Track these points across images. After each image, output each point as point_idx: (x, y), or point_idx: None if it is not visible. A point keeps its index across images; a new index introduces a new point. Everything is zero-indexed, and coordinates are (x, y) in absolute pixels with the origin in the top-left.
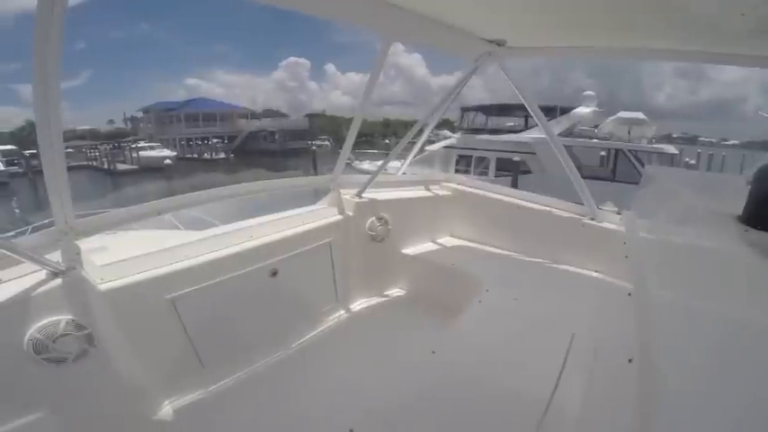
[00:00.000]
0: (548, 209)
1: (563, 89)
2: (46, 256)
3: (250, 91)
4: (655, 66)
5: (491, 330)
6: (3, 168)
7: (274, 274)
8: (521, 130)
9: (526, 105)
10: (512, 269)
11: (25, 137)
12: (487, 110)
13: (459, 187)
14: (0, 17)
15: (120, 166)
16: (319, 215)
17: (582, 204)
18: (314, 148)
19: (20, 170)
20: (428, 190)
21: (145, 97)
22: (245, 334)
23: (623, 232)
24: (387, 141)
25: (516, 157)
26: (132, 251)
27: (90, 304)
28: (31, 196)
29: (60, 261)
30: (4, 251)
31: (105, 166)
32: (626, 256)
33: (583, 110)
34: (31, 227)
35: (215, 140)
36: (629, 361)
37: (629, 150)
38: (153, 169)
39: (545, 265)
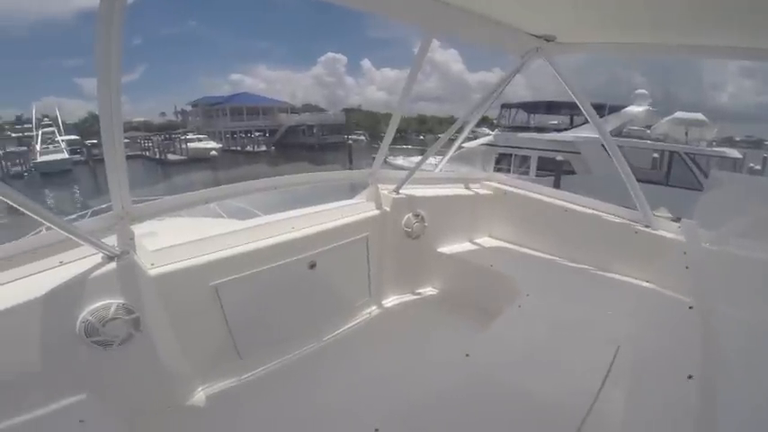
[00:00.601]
0: (597, 213)
1: (617, 88)
2: (102, 240)
3: (290, 86)
4: (717, 65)
5: (530, 336)
6: (67, 156)
7: (312, 266)
8: (565, 129)
9: (578, 103)
10: (554, 274)
11: (87, 128)
12: (530, 107)
13: (501, 186)
14: (63, 16)
15: (171, 157)
16: (357, 209)
17: (634, 209)
18: (350, 142)
19: (82, 158)
20: (467, 188)
21: (193, 91)
22: (280, 325)
23: (683, 242)
24: (422, 138)
25: (559, 157)
26: (179, 237)
27: (140, 289)
28: (90, 182)
29: (116, 245)
30: (66, 234)
31: (157, 156)
32: (686, 267)
33: (634, 109)
34: (90, 210)
35: (257, 134)
36: (689, 377)
37: (686, 153)
38: (200, 160)
39: (591, 272)
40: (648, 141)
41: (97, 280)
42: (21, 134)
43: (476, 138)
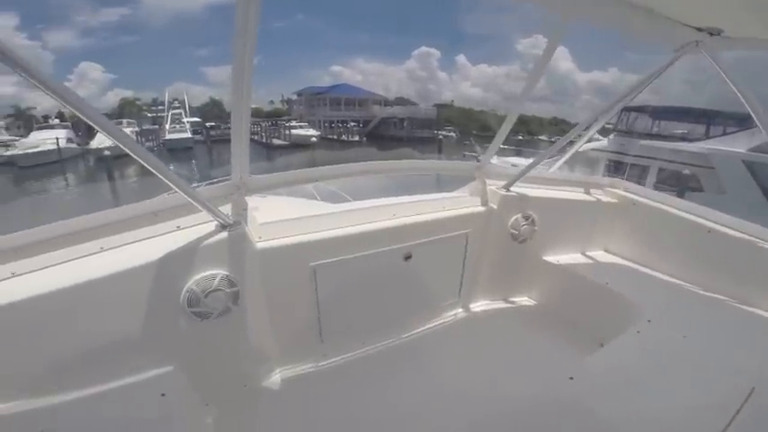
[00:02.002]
0: (751, 239)
1: None
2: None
3: (383, 79)
4: None
5: (649, 367)
6: (190, 136)
7: (408, 258)
8: (696, 139)
9: (749, 110)
10: (683, 301)
11: (208, 111)
12: (655, 112)
13: (628, 195)
14: (194, 9)
15: (275, 141)
16: (460, 203)
17: None
18: (441, 137)
19: (201, 138)
20: (587, 193)
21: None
22: (365, 314)
23: None
24: (520, 138)
25: (686, 171)
26: (280, 214)
27: (245, 261)
28: (206, 160)
29: (229, 215)
30: (189, 199)
31: (264, 141)
32: None
33: None
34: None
35: (352, 124)
36: None
37: None
38: (300, 145)
39: (729, 304)
40: None
41: (208, 248)
42: (155, 114)
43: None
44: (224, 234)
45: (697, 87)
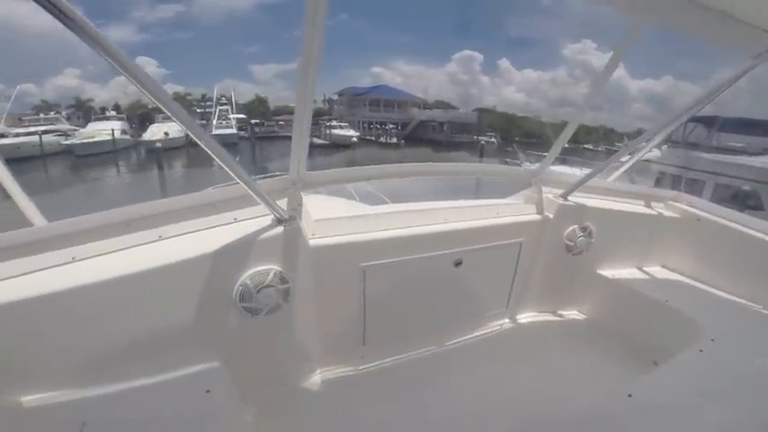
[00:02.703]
0: None
1: None
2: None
3: (423, 81)
4: None
5: (713, 388)
6: (235, 132)
7: (458, 264)
8: (758, 153)
9: None
10: (751, 322)
11: (253, 108)
12: (716, 123)
13: (693, 210)
14: (243, 6)
15: (316, 141)
16: (514, 210)
17: None
18: (483, 142)
19: (245, 135)
20: (648, 206)
21: (341, 81)
22: (408, 319)
23: None
24: (566, 146)
25: (746, 186)
26: (326, 212)
27: (298, 257)
28: (249, 156)
29: (285, 209)
30: (249, 191)
31: None
32: None
33: None
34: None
35: (390, 126)
36: None
37: None
38: (339, 146)
39: None
40: None
41: (264, 242)
42: (203, 110)
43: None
44: (279, 229)
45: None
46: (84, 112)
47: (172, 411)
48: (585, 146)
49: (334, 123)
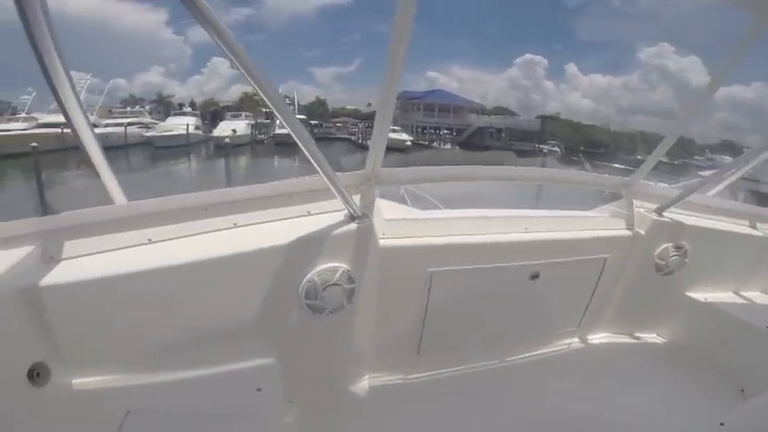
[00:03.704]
0: None
1: None
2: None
3: (481, 86)
4: None
5: None
6: None
7: (535, 277)
8: None
9: None
10: None
11: (313, 110)
12: None
13: None
14: (306, 10)
15: (369, 143)
16: (601, 223)
17: None
18: (546, 151)
19: None
20: (753, 227)
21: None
22: (471, 331)
23: None
24: (638, 157)
25: None
26: (394, 213)
27: (367, 257)
28: (306, 157)
29: (357, 206)
30: (328, 184)
31: (359, 141)
32: None
33: None
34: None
35: (445, 131)
36: None
37: None
38: (393, 149)
39: None
40: None
41: (336, 239)
42: (268, 110)
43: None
44: (352, 226)
45: None
46: (164, 107)
47: (219, 408)
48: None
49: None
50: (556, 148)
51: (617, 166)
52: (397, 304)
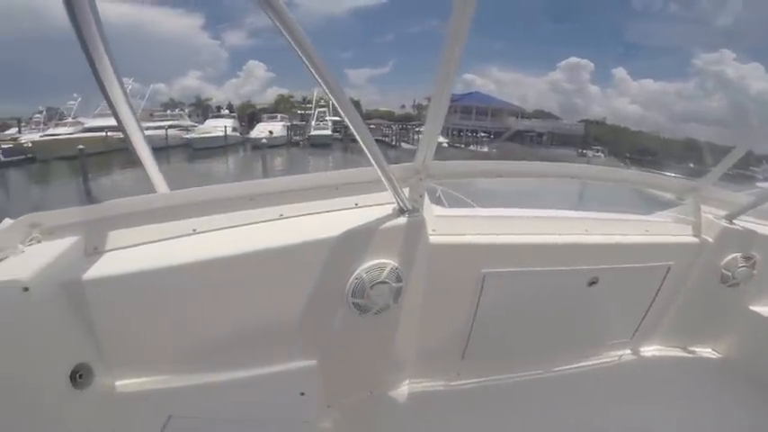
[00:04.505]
0: None
1: None
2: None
3: (521, 89)
4: None
5: None
6: (330, 133)
7: (593, 283)
8: None
9: None
10: None
11: None
12: None
13: None
14: (339, 12)
15: (404, 145)
16: (665, 229)
17: None
18: (589, 156)
19: (339, 137)
20: None
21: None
22: (519, 337)
23: None
24: (692, 166)
25: None
26: (447, 210)
27: (416, 254)
28: (340, 155)
29: (407, 198)
30: (380, 175)
31: (393, 143)
32: None
33: None
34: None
35: (483, 134)
36: None
37: None
38: None
39: None
40: None
41: (385, 232)
42: (303, 111)
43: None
44: (402, 219)
45: None
46: (202, 110)
47: (261, 412)
48: (712, 169)
49: (422, 129)
50: (600, 154)
51: (669, 174)
52: (445, 306)
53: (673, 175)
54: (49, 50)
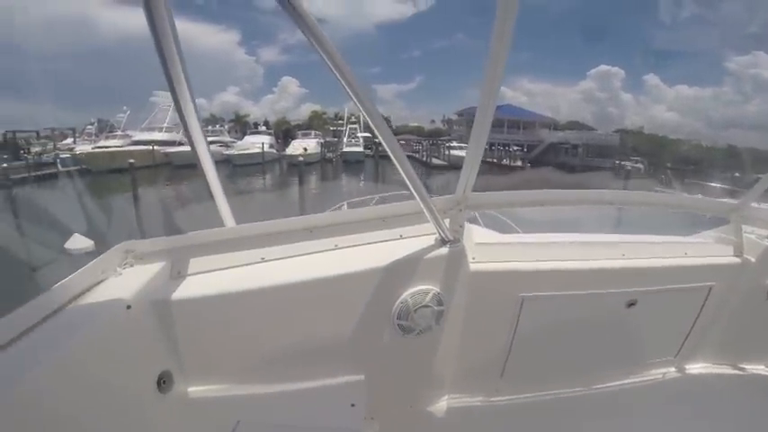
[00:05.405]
0: None
1: None
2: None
3: (552, 100)
4: None
5: None
6: (361, 150)
7: (631, 305)
8: None
9: None
10: None
11: None
12: None
13: None
14: (367, 28)
15: (434, 161)
16: (706, 250)
17: None
18: (628, 167)
19: (370, 153)
20: None
21: (460, 101)
22: (559, 358)
23: None
24: (736, 174)
25: None
26: (480, 236)
27: (457, 281)
28: (372, 172)
29: (448, 229)
30: (423, 208)
31: (423, 159)
32: None
33: None
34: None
35: (515, 148)
36: None
37: None
38: (459, 167)
39: None
40: None
41: (428, 262)
42: (335, 128)
43: None
44: (444, 250)
45: None
46: (240, 126)
47: (319, 421)
48: (760, 176)
49: (453, 144)
50: (639, 165)
51: (714, 185)
52: (484, 327)
53: (718, 185)
54: (99, 62)
